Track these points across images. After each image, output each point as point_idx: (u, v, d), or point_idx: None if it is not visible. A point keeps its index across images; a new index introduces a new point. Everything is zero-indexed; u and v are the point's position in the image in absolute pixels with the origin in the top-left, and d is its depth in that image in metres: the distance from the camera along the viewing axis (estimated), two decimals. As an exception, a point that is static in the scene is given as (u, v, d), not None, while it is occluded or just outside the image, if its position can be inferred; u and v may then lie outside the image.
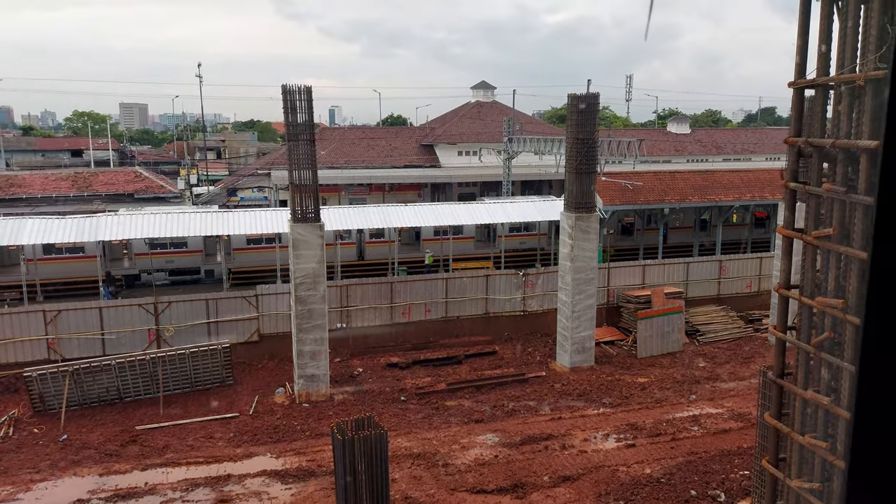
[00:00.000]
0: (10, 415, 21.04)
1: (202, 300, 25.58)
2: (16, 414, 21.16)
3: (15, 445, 19.55)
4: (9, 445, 19.54)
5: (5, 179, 45.98)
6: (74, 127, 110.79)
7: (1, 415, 21.10)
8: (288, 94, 21.04)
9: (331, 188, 47.27)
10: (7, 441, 19.79)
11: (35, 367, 21.70)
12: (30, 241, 28.17)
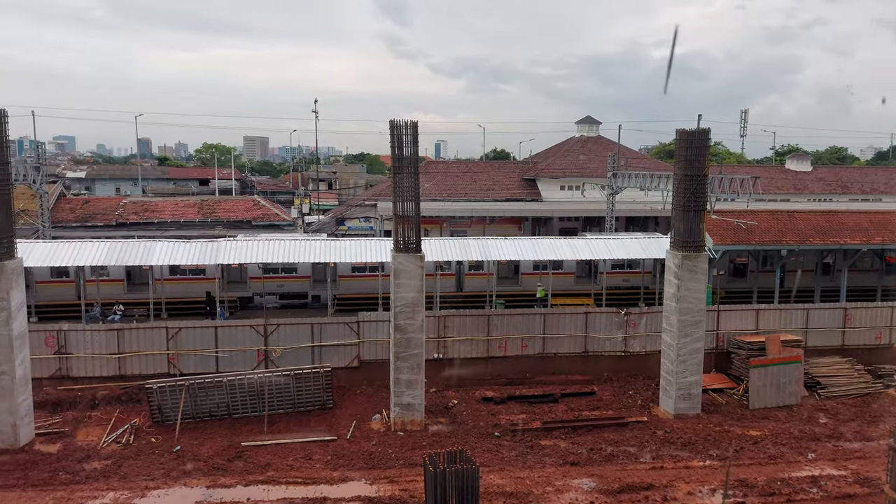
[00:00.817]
0: (132, 423, 22.69)
1: (308, 324, 26.67)
2: (137, 423, 22.79)
3: (134, 452, 21.02)
4: (129, 452, 21.04)
5: (141, 205, 50.41)
6: (203, 158, 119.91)
7: (124, 423, 22.80)
8: (395, 129, 21.82)
9: (433, 220, 48.23)
10: (128, 448, 21.32)
11: (156, 379, 23.37)
12: (159, 262, 30.60)
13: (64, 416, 23.41)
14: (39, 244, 31.54)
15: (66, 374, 25.15)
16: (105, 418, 23.23)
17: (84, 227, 45.17)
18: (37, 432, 21.86)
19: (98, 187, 76.57)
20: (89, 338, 25.32)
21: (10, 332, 20.76)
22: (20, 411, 21.18)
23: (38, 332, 24.92)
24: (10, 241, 21.07)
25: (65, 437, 21.98)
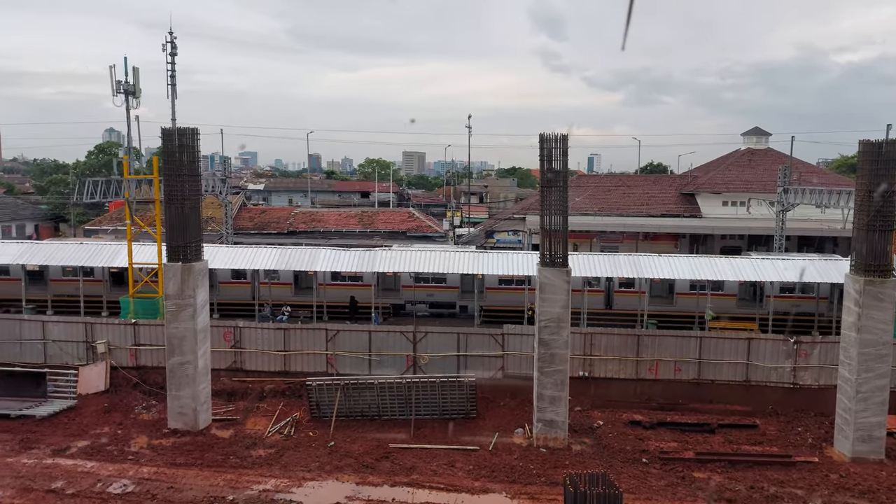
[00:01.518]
0: (293, 417, 24.51)
1: (454, 333, 27.27)
2: (297, 417, 24.58)
3: (294, 444, 22.69)
4: (290, 444, 22.74)
5: (309, 215, 54.51)
6: (365, 172, 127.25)
7: (286, 415, 24.70)
8: (545, 143, 21.77)
9: (582, 234, 47.27)
10: (289, 439, 23.06)
11: (315, 377, 25.09)
12: (322, 268, 32.88)
13: (236, 405, 25.84)
14: (222, 248, 35.20)
15: (240, 366, 27.77)
16: (271, 410, 25.31)
17: (260, 234, 49.72)
18: (213, 418, 24.33)
19: (274, 198, 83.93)
20: (260, 335, 27.80)
21: (195, 326, 23.36)
22: (200, 398, 23.70)
23: (218, 327, 27.74)
24: (198, 246, 23.74)
25: (236, 424, 24.25)
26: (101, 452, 21.58)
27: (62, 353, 28.02)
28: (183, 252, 23.20)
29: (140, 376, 27.12)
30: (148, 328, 27.99)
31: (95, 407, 25.34)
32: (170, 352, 23.49)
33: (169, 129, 23.39)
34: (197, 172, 23.69)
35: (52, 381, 26.03)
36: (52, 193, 69.24)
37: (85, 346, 28.02)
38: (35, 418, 23.96)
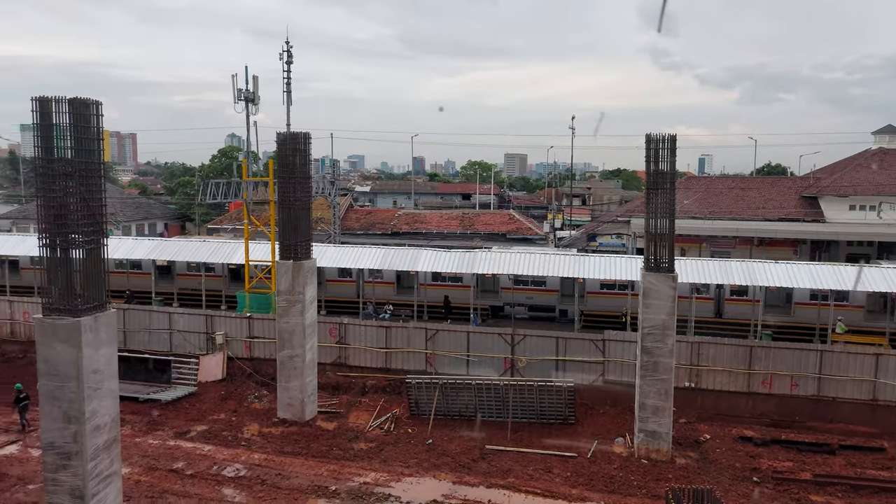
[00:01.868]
0: (393, 413, 25.15)
1: (553, 337, 26.96)
2: (397, 413, 25.19)
3: (394, 440, 23.28)
4: (389, 438, 23.36)
5: (412, 216, 55.69)
6: (467, 174, 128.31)
7: (387, 411, 25.39)
8: (651, 143, 21.08)
9: (691, 239, 45.27)
10: (388, 434, 23.69)
11: (415, 375, 25.62)
12: (423, 269, 33.51)
13: (340, 398, 26.86)
14: (330, 248, 36.68)
15: (344, 361, 28.83)
16: (372, 405, 26.12)
17: (366, 235, 51.38)
18: (319, 410, 25.42)
19: (379, 200, 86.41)
20: (363, 332, 28.74)
21: (304, 322, 24.51)
22: (308, 390, 24.83)
23: (325, 323, 28.95)
24: (308, 245, 24.90)
25: (340, 417, 25.21)
26: (218, 437, 23.10)
27: (185, 343, 30.25)
28: (294, 250, 24.42)
29: (253, 367, 28.80)
30: (261, 322, 29.66)
31: (213, 394, 27.15)
32: (280, 345, 24.79)
33: (283, 133, 24.69)
34: (308, 175, 24.84)
35: (176, 369, 28.19)
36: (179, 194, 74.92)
37: (205, 336, 30.11)
38: (160, 402, 26.02)
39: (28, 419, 23.21)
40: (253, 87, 40.81)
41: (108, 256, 15.18)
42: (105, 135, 15.77)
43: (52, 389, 14.36)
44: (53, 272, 14.15)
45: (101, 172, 14.62)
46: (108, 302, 14.94)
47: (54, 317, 14.18)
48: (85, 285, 14.33)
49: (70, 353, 14.13)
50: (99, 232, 14.55)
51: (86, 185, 14.19)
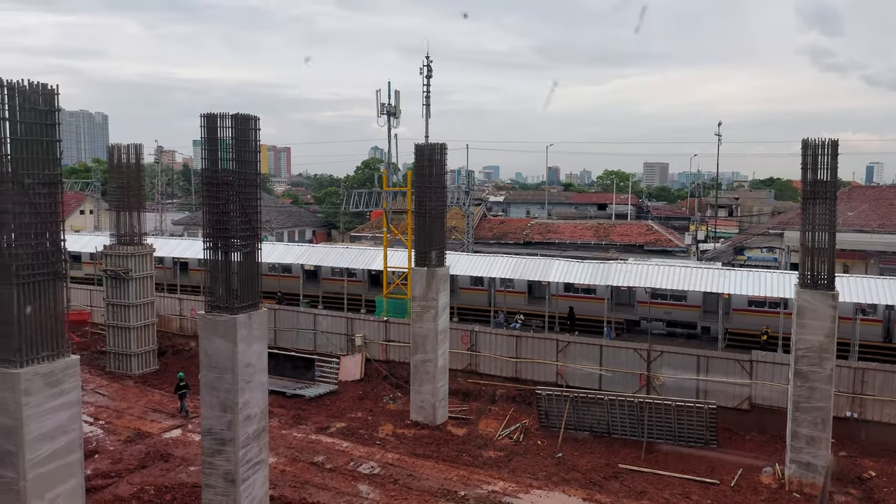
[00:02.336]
0: (522, 423, 25.01)
1: (693, 355, 25.54)
2: (526, 424, 25.03)
3: (522, 450, 23.14)
4: (518, 449, 23.25)
5: (545, 226, 55.26)
6: (604, 184, 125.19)
7: (516, 421, 25.30)
8: (808, 149, 19.41)
9: (856, 254, 41.04)
10: (517, 445, 23.59)
11: (545, 387, 25.34)
12: (555, 279, 33.12)
13: (470, 405, 27.16)
14: (463, 256, 37.32)
15: (475, 369, 29.14)
16: (501, 414, 26.16)
17: (498, 244, 51.69)
18: (449, 415, 25.86)
19: (512, 210, 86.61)
20: (494, 341, 28.89)
21: (437, 327, 25.10)
22: (439, 394, 25.37)
23: (457, 330, 29.44)
24: (441, 253, 25.50)
25: (469, 423, 25.49)
26: (355, 435, 24.21)
27: (328, 343, 32.05)
28: (428, 258, 25.12)
29: (389, 369, 29.89)
30: (397, 326, 30.74)
31: (352, 393, 28.51)
32: (414, 349, 25.56)
33: (420, 145, 25.54)
34: (443, 185, 25.48)
35: (319, 367, 29.94)
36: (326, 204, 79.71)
37: (346, 338, 31.72)
38: (304, 398, 27.73)
39: (187, 406, 25.68)
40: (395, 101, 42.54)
41: (262, 260, 16.44)
42: (263, 148, 17.13)
43: (212, 380, 15.78)
44: (215, 273, 15.59)
45: (257, 182, 15.93)
46: (260, 302, 16.20)
47: (214, 313, 15.60)
48: (241, 286, 15.65)
49: (227, 347, 15.46)
50: (254, 237, 15.85)
51: (244, 193, 15.52)
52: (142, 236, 31.60)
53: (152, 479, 20.03)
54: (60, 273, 13.23)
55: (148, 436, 23.55)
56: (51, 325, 13.09)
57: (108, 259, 31.34)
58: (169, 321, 35.48)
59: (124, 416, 25.61)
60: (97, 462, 20.99)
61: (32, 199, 12.41)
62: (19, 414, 12.53)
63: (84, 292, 38.17)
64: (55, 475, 13.21)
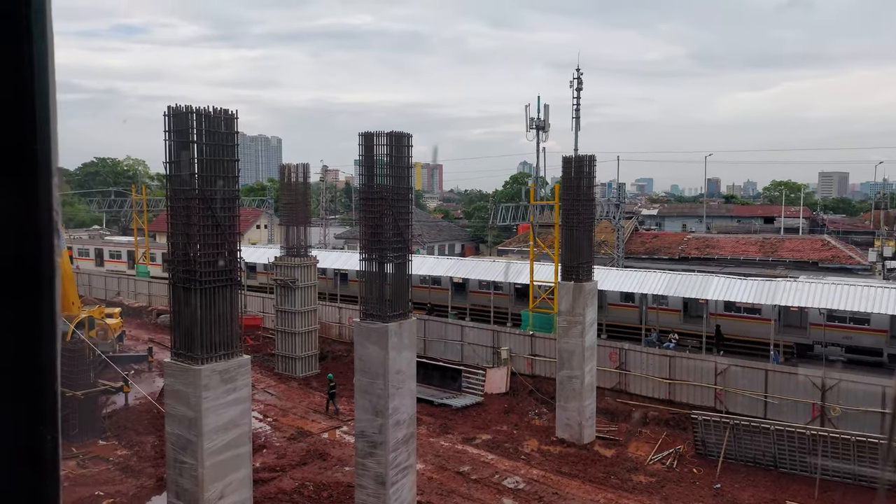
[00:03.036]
0: (676, 449, 23.64)
1: (878, 386, 22.70)
2: (681, 449, 23.62)
3: (676, 477, 21.85)
4: (672, 476, 21.99)
5: (703, 241, 52.12)
6: (771, 195, 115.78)
7: (669, 446, 23.96)
8: None
9: None
10: (670, 471, 22.31)
11: (701, 412, 23.76)
12: (713, 297, 31.07)
13: (619, 426, 26.16)
14: (612, 271, 36.19)
15: (624, 388, 28.05)
16: (653, 437, 24.91)
17: (651, 259, 49.53)
18: (597, 435, 25.08)
19: (667, 223, 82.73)
20: (645, 360, 27.64)
21: (583, 343, 24.51)
22: (586, 412, 24.70)
23: (605, 347, 28.56)
24: (589, 267, 24.92)
25: (618, 445, 24.54)
26: (500, 448, 24.24)
27: (474, 355, 32.48)
28: (575, 272, 24.67)
29: (534, 384, 29.65)
30: (543, 340, 30.46)
31: (497, 406, 28.62)
32: (560, 364, 25.14)
33: (568, 157, 25.24)
34: (591, 198, 24.97)
35: (465, 378, 30.41)
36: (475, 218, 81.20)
37: (492, 350, 31.95)
38: (451, 408, 28.26)
39: (338, 406, 27.34)
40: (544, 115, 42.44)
41: (413, 272, 17.09)
42: (417, 166, 17.87)
43: (365, 385, 16.62)
44: (369, 283, 16.45)
45: (409, 196, 16.63)
46: (410, 311, 16.83)
47: (368, 321, 16.44)
48: (393, 296, 16.37)
49: (379, 354, 16.21)
50: (405, 249, 16.53)
51: (397, 207, 16.26)
52: (307, 249, 34.12)
53: (312, 475, 21.41)
54: (237, 281, 14.61)
55: (309, 435, 25.23)
56: (227, 328, 14.45)
57: (278, 269, 34.17)
58: (329, 328, 37.87)
59: (289, 414, 27.67)
60: (265, 456, 22.83)
61: (215, 213, 13.87)
62: (199, 406, 13.95)
63: (258, 299, 41.88)
64: (228, 464, 14.53)
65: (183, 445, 14.30)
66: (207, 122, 13.85)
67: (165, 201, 14.66)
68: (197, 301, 13.84)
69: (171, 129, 13.83)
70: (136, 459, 22.54)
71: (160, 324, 41.87)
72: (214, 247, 14.11)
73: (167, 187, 14.53)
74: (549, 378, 29.05)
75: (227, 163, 14.21)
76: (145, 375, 32.07)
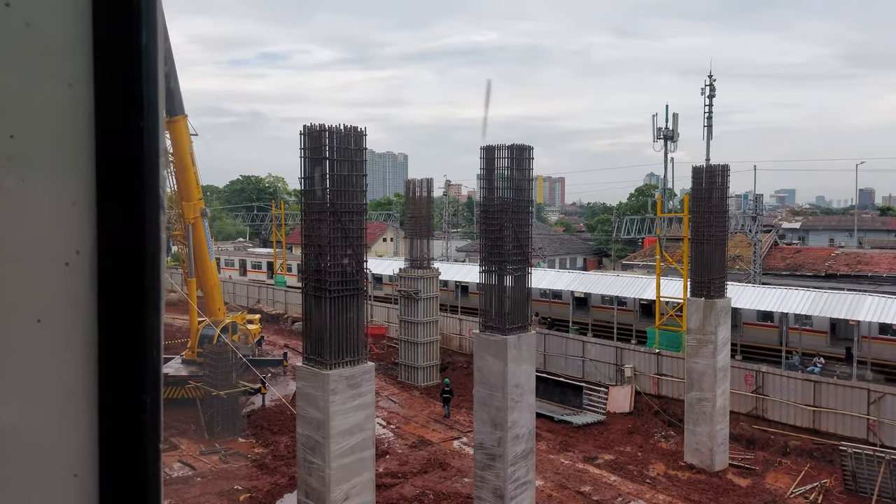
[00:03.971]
0: (821, 483, 21.63)
1: None
2: (827, 484, 21.59)
3: (821, 513, 19.99)
4: (815, 511, 20.15)
5: (854, 256, 47.57)
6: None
7: (813, 479, 21.98)
8: None
9: None
10: (814, 506, 20.45)
11: (851, 444, 21.60)
12: (866, 318, 28.24)
13: (756, 454, 24.37)
14: (748, 288, 33.91)
15: (761, 414, 26.11)
16: (794, 468, 22.98)
17: (792, 276, 45.84)
18: (730, 462, 23.51)
19: (811, 237, 76.40)
20: (785, 384, 25.60)
21: (715, 364, 23.13)
22: (717, 438, 23.24)
23: (739, 368, 26.77)
24: (722, 283, 23.53)
25: (754, 475, 22.85)
26: (623, 469, 23.37)
27: (596, 372, 31.62)
28: (706, 288, 23.39)
29: (661, 405, 28.34)
30: (670, 359, 29.08)
31: (620, 426, 27.64)
32: (689, 386, 23.88)
33: (699, 167, 24.08)
34: (724, 210, 23.63)
35: (587, 395, 29.66)
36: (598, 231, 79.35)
37: (614, 368, 30.95)
38: (572, 425, 27.65)
39: (448, 411, 28.00)
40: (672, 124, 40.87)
41: (532, 285, 17.00)
42: (539, 179, 17.87)
43: (484, 396, 16.70)
44: (489, 295, 16.56)
45: (529, 209, 16.60)
46: (529, 324, 16.74)
47: (487, 333, 16.54)
48: (512, 308, 16.37)
49: (498, 366, 16.25)
50: (525, 262, 16.49)
51: (517, 220, 16.29)
52: (430, 261, 34.93)
53: (432, 484, 21.76)
54: (363, 291, 15.27)
55: (429, 444, 25.69)
56: (354, 335, 15.13)
57: (402, 281, 35.24)
58: (450, 339, 38.45)
59: (411, 422, 28.34)
60: (387, 462, 23.52)
61: (344, 226, 14.61)
62: (327, 409, 14.67)
63: (383, 309, 43.39)
64: (352, 467, 15.13)
65: (312, 446, 15.07)
66: (338, 139, 14.64)
67: (300, 215, 15.65)
68: (327, 309, 14.60)
69: (306, 147, 14.75)
70: (270, 458, 24.01)
71: (294, 330, 44.48)
72: (343, 258, 14.84)
73: (301, 202, 15.50)
74: (676, 399, 27.67)
75: (356, 178, 14.92)
76: (280, 379, 34.15)
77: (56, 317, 0.98)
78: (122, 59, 0.98)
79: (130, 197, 0.99)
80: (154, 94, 1.00)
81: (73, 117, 0.98)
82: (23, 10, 0.94)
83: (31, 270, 0.97)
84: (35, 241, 0.97)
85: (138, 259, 1.00)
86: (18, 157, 0.96)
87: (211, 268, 31.75)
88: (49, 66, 0.96)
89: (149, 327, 1.01)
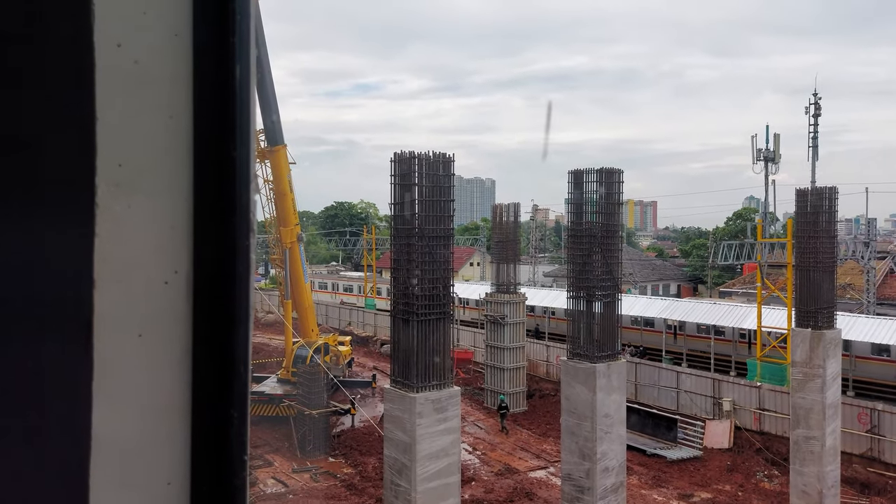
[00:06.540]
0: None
1: None
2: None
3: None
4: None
5: None
6: None
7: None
8: None
9: None
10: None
11: None
12: None
13: (871, 500, 22.45)
14: (861, 319, 31.53)
15: (877, 456, 24.05)
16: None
17: (913, 307, 42.24)
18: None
19: (934, 265, 70.02)
20: (906, 425, 23.47)
21: (824, 400, 21.51)
22: (827, 480, 21.53)
23: (852, 406, 24.83)
24: (831, 313, 21.98)
25: (870, 522, 21.01)
26: (721, 508, 22.11)
27: (691, 404, 30.18)
28: (813, 318, 21.91)
29: (763, 442, 26.66)
30: (773, 394, 27.36)
31: (718, 462, 26.19)
32: (794, 422, 22.32)
33: (803, 189, 22.78)
34: (832, 235, 22.20)
35: (681, 428, 28.33)
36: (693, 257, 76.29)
37: (711, 400, 29.44)
38: (666, 459, 26.46)
39: (505, 426, 28.38)
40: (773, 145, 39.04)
41: (623, 312, 16.55)
42: (629, 203, 17.49)
43: (571, 426, 16.32)
44: (577, 321, 16.27)
45: (618, 234, 16.25)
46: (619, 352, 16.27)
47: (576, 360, 16.21)
48: (601, 335, 15.98)
49: (586, 395, 15.85)
50: (615, 288, 16.11)
51: (606, 245, 15.98)
52: (516, 286, 34.74)
53: (517, 513, 21.40)
54: (450, 315, 15.37)
55: (516, 472, 25.30)
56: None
57: (489, 305, 35.19)
58: (537, 366, 37.89)
59: (497, 449, 28.05)
60: (473, 489, 23.34)
61: (432, 250, 14.83)
62: (413, 432, 14.76)
63: (470, 333, 43.43)
64: (438, 492, 15.09)
65: (399, 469, 15.18)
66: (427, 165, 14.96)
67: (390, 239, 16.03)
68: (414, 332, 14.79)
69: (396, 174, 15.16)
70: (358, 478, 24.40)
71: (383, 353, 45.29)
72: (431, 281, 15.04)
73: (391, 226, 15.89)
74: (780, 436, 25.96)
75: (444, 203, 15.15)
76: (369, 400, 34.78)
77: (156, 332, 1.05)
78: (218, 93, 1.05)
79: (223, 221, 1.06)
80: (246, 126, 1.07)
81: (173, 147, 1.05)
82: (132, 49, 1.03)
83: (135, 288, 1.04)
84: (138, 261, 1.04)
85: (230, 278, 1.06)
86: (125, 185, 1.03)
87: (306, 290, 32.95)
88: (153, 99, 1.04)
89: (238, 344, 1.06)
